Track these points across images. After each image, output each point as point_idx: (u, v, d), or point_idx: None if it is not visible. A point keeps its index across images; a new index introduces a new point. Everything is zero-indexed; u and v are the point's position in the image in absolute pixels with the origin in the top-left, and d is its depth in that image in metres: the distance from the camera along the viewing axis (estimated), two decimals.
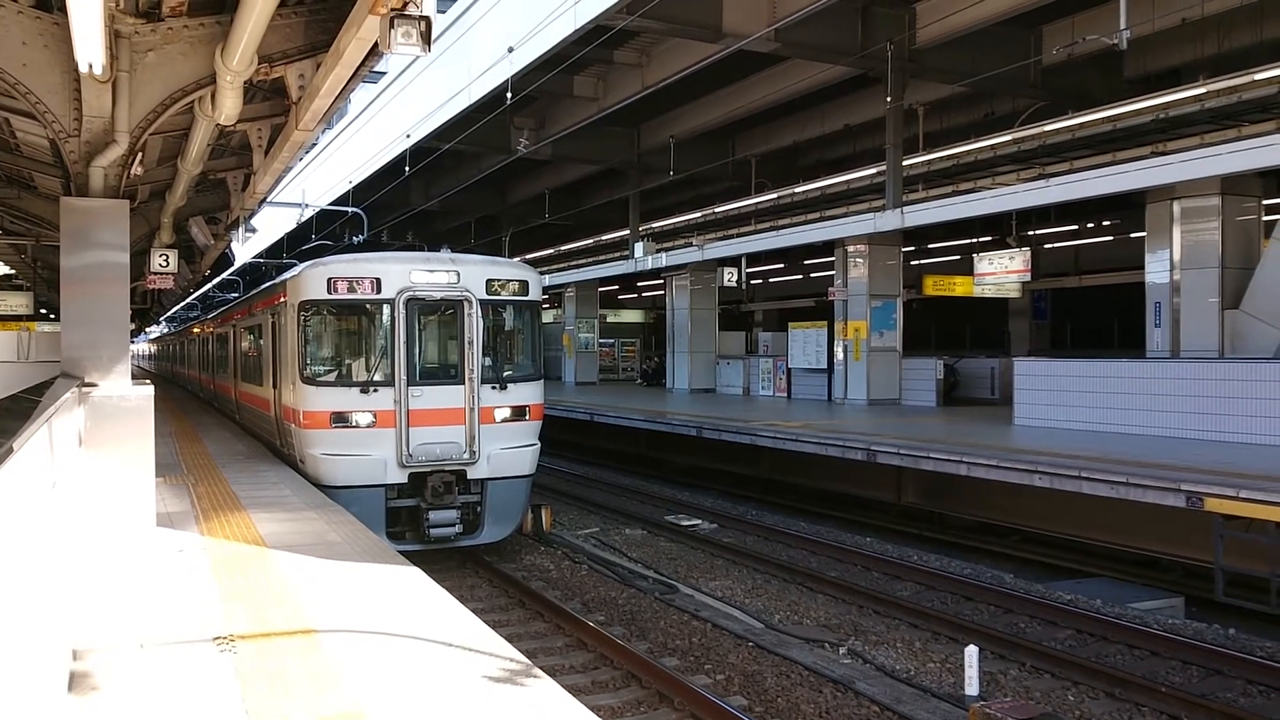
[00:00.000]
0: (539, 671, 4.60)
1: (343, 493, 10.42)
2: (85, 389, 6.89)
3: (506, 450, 11.54)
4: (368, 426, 10.94)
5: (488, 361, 11.57)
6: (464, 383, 11.33)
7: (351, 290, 11.13)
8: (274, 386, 12.76)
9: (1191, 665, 8.12)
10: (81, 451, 6.06)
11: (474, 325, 11.38)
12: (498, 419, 11.53)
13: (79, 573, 5.48)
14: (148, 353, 60.18)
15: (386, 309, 11.18)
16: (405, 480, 11.04)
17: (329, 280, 11.10)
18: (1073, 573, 11.60)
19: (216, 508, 8.90)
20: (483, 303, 11.50)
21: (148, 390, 6.82)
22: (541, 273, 12.83)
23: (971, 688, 7.54)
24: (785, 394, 24.30)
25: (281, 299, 12.15)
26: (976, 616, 9.63)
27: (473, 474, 11.32)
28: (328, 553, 7.11)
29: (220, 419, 19.31)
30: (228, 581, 6.22)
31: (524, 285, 12.00)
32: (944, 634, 9.08)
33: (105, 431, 6.34)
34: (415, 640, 5.04)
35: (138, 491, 6.35)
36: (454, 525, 11.17)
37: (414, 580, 6.33)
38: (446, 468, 11.18)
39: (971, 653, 7.66)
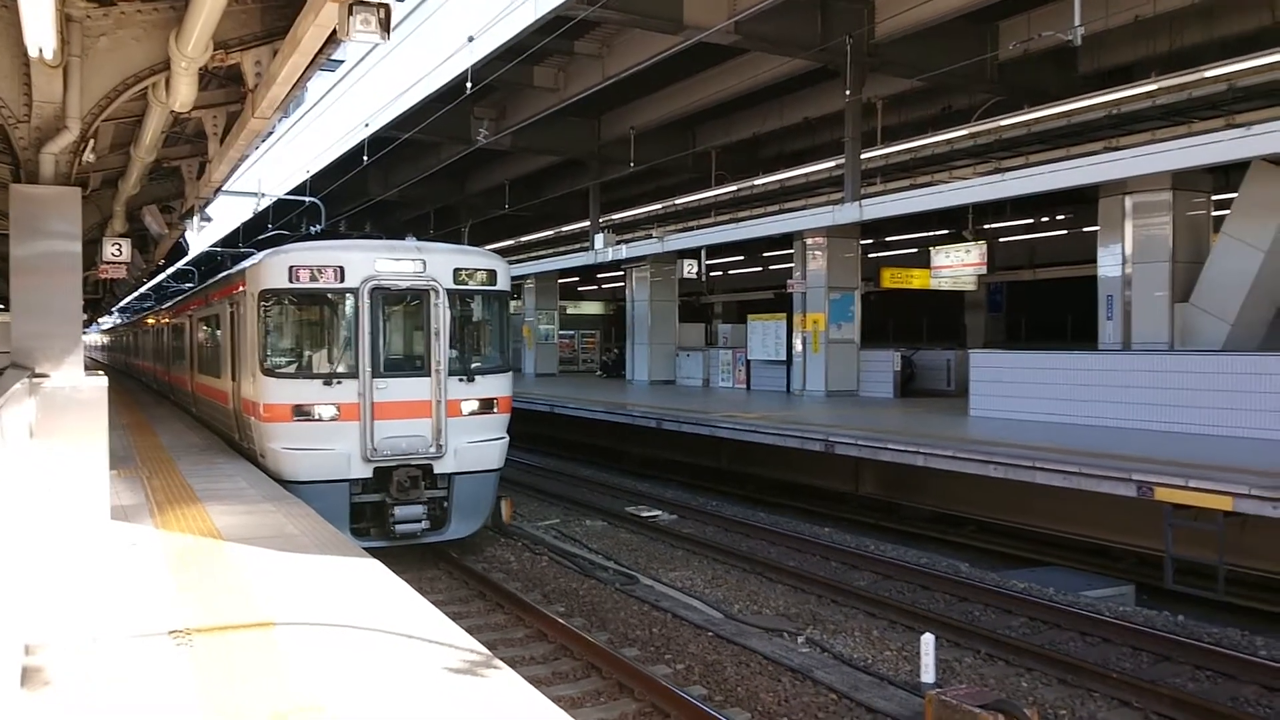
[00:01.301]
0: (499, 662, 4.60)
1: (305, 488, 10.19)
2: (36, 380, 6.77)
3: (474, 444, 11.34)
4: (331, 420, 10.70)
5: (455, 353, 11.36)
6: (430, 375, 11.10)
7: (314, 279, 10.83)
8: (233, 378, 12.51)
9: (1141, 651, 8.28)
10: (33, 443, 5.95)
11: (441, 315, 11.13)
12: (465, 412, 11.31)
13: (31, 567, 5.39)
14: (101, 344, 59.13)
15: (350, 298, 10.92)
16: (370, 475, 10.81)
17: (290, 268, 10.82)
18: (1027, 561, 11.78)
19: (171, 500, 8.78)
20: (450, 292, 11.24)
21: (101, 381, 6.72)
22: None
23: (928, 675, 7.64)
24: (744, 385, 24.42)
25: (240, 288, 11.91)
26: (933, 605, 9.75)
27: (439, 468, 11.11)
28: (286, 545, 7.05)
29: (175, 411, 19.04)
30: (183, 575, 6.15)
31: (492, 275, 11.81)
32: (901, 623, 9.19)
33: (57, 423, 6.23)
34: (375, 632, 5.02)
35: (91, 484, 6.26)
36: (420, 521, 10.92)
37: (373, 572, 6.30)
38: (412, 462, 10.95)
39: (928, 641, 7.77)
